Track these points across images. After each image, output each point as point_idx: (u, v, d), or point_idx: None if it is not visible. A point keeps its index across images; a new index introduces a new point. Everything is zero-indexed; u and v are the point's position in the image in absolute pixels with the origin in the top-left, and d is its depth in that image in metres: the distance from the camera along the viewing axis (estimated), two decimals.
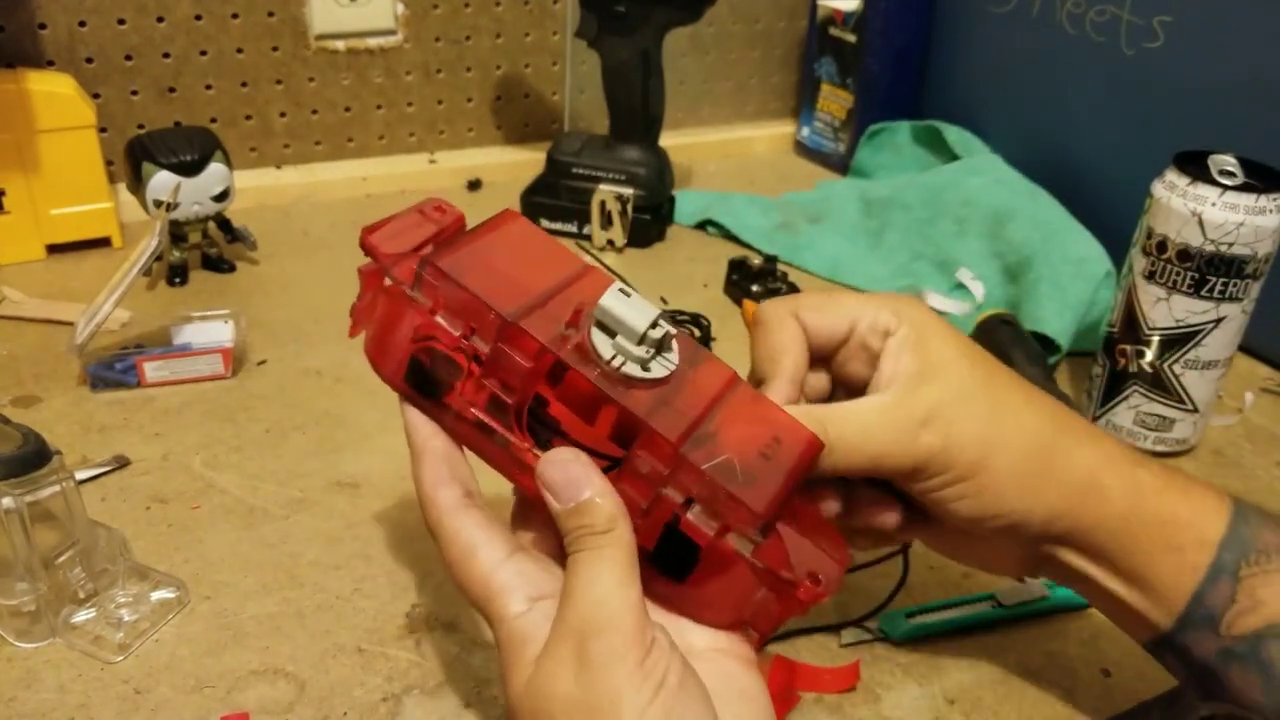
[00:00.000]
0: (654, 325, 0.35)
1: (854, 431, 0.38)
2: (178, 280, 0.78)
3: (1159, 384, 0.61)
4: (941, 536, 0.43)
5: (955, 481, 0.39)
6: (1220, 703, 0.39)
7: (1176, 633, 0.39)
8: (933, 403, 0.39)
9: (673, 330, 0.37)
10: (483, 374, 0.36)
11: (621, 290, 0.35)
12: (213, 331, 0.67)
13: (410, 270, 0.36)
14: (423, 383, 0.37)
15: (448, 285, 0.36)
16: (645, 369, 0.36)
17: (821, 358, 0.43)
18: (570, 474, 0.34)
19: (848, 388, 0.43)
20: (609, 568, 0.33)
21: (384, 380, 0.38)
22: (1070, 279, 0.72)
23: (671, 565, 0.36)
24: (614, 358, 0.35)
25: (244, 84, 0.92)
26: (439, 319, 0.36)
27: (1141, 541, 0.39)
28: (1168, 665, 0.41)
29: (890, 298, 0.42)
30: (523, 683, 0.33)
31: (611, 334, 0.35)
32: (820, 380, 0.43)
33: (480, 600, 0.35)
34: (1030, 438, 0.39)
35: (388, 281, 0.37)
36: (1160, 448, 0.63)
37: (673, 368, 0.36)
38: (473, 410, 0.36)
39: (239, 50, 0.91)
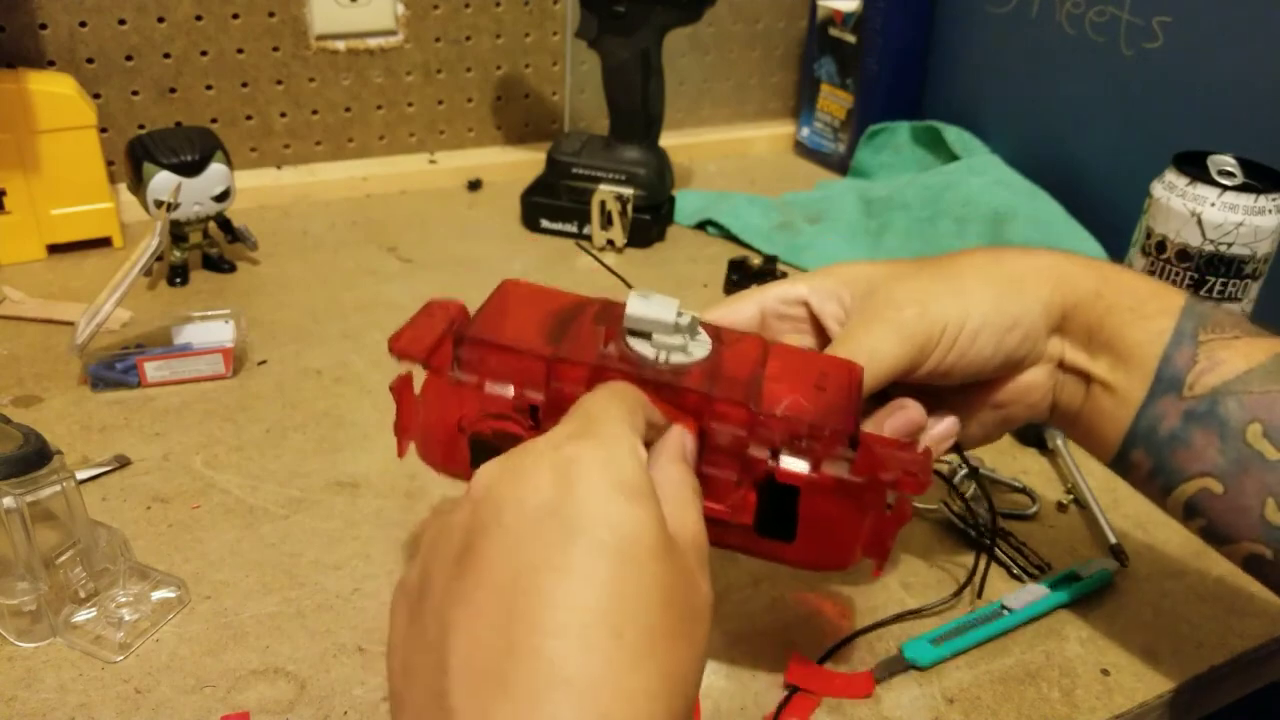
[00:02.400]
0: (680, 314, 0.38)
1: (864, 352, 0.42)
2: (178, 280, 0.78)
3: None
4: (983, 412, 0.47)
5: (957, 331, 0.42)
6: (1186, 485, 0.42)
7: (1148, 406, 0.42)
8: (893, 296, 0.43)
9: (694, 315, 0.39)
10: (546, 416, 0.38)
11: (640, 295, 0.38)
12: (213, 331, 0.67)
13: (447, 354, 0.39)
14: (488, 456, 0.37)
15: (485, 351, 0.38)
16: (688, 354, 0.38)
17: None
18: None
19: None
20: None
21: (452, 476, 0.40)
22: None
23: (778, 526, 0.38)
24: (658, 354, 0.37)
25: (244, 84, 0.92)
26: (488, 388, 0.38)
27: (1115, 314, 0.43)
28: (1135, 465, 0.44)
29: (790, 277, 0.48)
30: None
31: (647, 335, 0.38)
32: (806, 341, 0.47)
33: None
34: (982, 260, 0.45)
35: (417, 386, 0.40)
36: None
37: (709, 345, 0.39)
38: None
39: (239, 50, 0.91)
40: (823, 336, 0.46)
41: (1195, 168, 0.58)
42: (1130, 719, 0.46)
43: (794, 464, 0.37)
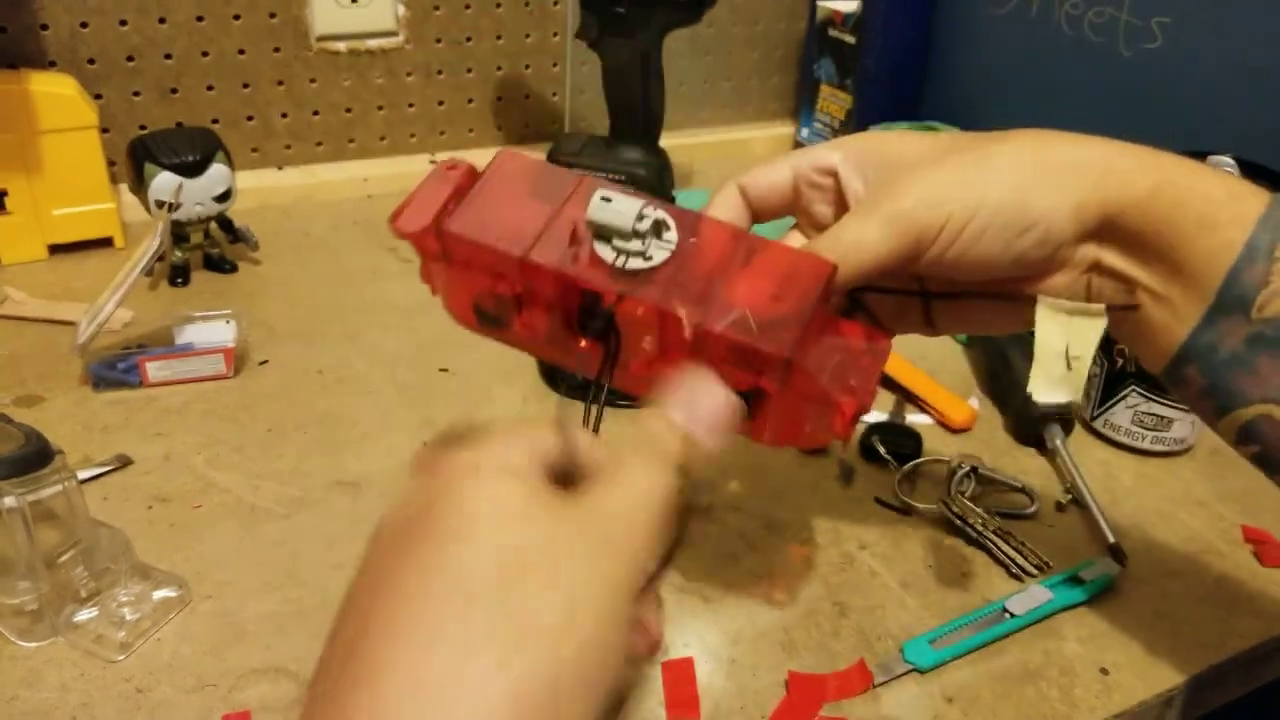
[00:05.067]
0: (640, 218, 0.37)
1: (848, 241, 0.39)
2: (180, 280, 0.78)
3: (1157, 384, 0.62)
4: (1001, 309, 0.43)
5: (962, 224, 0.39)
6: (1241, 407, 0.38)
7: (1206, 325, 0.38)
8: (902, 181, 0.40)
9: (662, 215, 0.38)
10: (525, 298, 0.40)
11: (603, 197, 0.37)
12: (214, 331, 0.68)
13: (433, 243, 0.40)
14: (491, 323, 0.41)
15: (463, 245, 0.39)
16: (647, 258, 0.38)
17: (774, 209, 0.45)
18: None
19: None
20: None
21: (463, 326, 0.43)
22: None
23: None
24: (616, 258, 0.38)
25: (245, 85, 0.92)
26: (472, 272, 0.40)
27: (1174, 221, 0.38)
28: (1187, 382, 0.40)
29: (834, 140, 0.44)
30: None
31: (608, 239, 0.38)
32: (797, 241, 0.45)
33: None
34: (1019, 145, 0.40)
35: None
36: (1158, 447, 0.63)
37: (673, 246, 0.38)
38: (537, 332, 0.41)
39: (240, 51, 0.91)
40: (844, 212, 0.43)
41: None
42: (1129, 718, 0.47)
43: (736, 372, 0.37)
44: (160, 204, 0.74)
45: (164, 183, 0.74)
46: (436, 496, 0.28)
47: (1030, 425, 0.63)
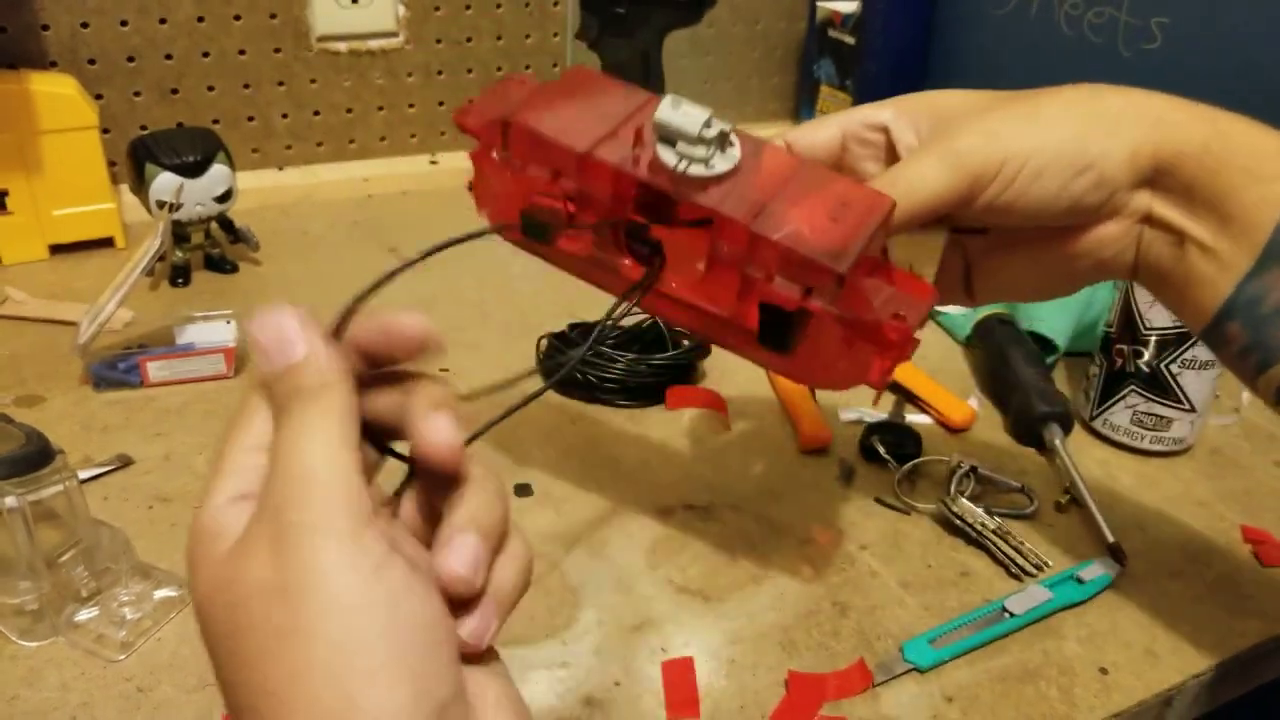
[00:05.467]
0: (707, 125, 0.37)
1: (907, 179, 0.40)
2: (180, 280, 0.78)
3: (1156, 384, 0.62)
4: (1049, 262, 0.43)
5: (1020, 165, 0.39)
6: None
7: (1252, 277, 0.38)
8: (958, 125, 0.41)
9: (728, 127, 0.39)
10: (578, 209, 0.40)
11: (672, 101, 0.38)
12: (215, 331, 0.68)
13: (497, 134, 0.40)
14: (537, 233, 0.40)
15: (527, 137, 0.40)
16: (709, 166, 0.38)
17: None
18: (283, 332, 0.29)
19: None
20: (319, 433, 0.27)
21: (511, 242, 0.42)
22: None
23: (776, 340, 0.39)
24: (679, 163, 0.38)
25: (246, 85, 0.92)
26: (530, 170, 0.40)
27: (1225, 173, 0.39)
28: (1229, 339, 0.40)
29: (884, 100, 0.44)
30: (209, 579, 0.26)
31: (672, 143, 0.38)
32: (877, 170, 0.45)
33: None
34: (1075, 94, 0.41)
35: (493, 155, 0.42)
36: (1158, 447, 0.63)
37: (736, 160, 0.39)
38: (581, 245, 0.41)
39: (241, 52, 0.91)
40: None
41: None
42: (1129, 718, 0.47)
43: (785, 289, 0.38)
44: (161, 204, 0.74)
45: (165, 183, 0.74)
46: (293, 568, 0.25)
47: (1029, 425, 0.63)
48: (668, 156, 0.38)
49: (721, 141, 0.38)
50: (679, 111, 0.37)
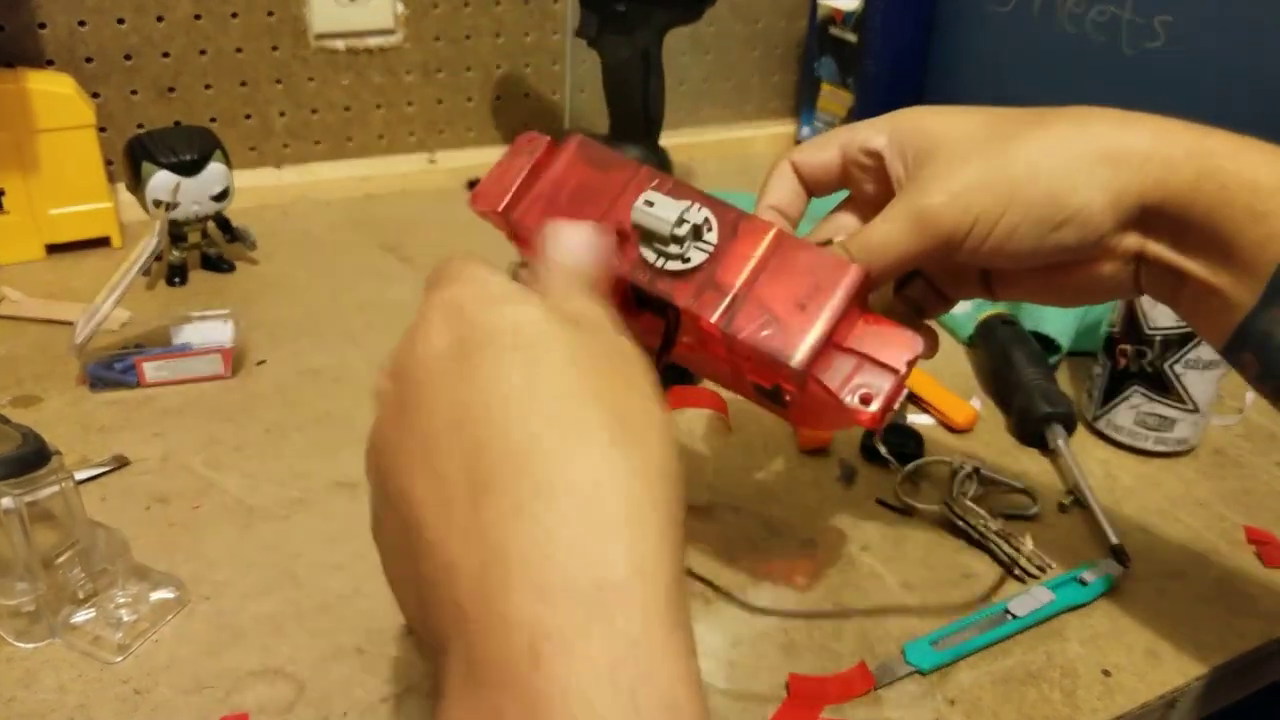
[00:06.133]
0: (679, 223, 0.39)
1: (876, 242, 0.41)
2: (177, 280, 0.78)
3: (1160, 384, 0.61)
4: (1049, 289, 0.44)
5: (992, 223, 0.39)
6: None
7: (1259, 313, 0.38)
8: (931, 177, 0.40)
9: (704, 217, 0.40)
10: None
11: (647, 201, 0.40)
12: (212, 331, 0.67)
13: (504, 223, 0.44)
14: None
15: (525, 230, 0.43)
16: (685, 260, 0.40)
17: (826, 186, 0.47)
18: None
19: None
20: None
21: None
22: None
23: (773, 398, 0.43)
24: (656, 260, 0.40)
25: (243, 83, 0.92)
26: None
27: (1220, 213, 0.38)
28: (1244, 365, 0.40)
29: (881, 117, 0.44)
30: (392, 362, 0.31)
31: (650, 242, 0.40)
32: (848, 220, 0.47)
33: None
34: (1053, 135, 0.40)
35: None
36: (1161, 448, 0.63)
37: (711, 248, 0.40)
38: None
39: (238, 50, 0.91)
40: (890, 192, 0.44)
41: None
42: None
43: (761, 373, 0.41)
44: (158, 203, 0.74)
45: (161, 182, 0.74)
46: (470, 325, 0.29)
47: (1032, 426, 0.63)
48: (648, 254, 0.40)
49: (696, 234, 0.40)
50: (651, 214, 0.39)
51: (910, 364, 0.40)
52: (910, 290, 0.47)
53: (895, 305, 0.47)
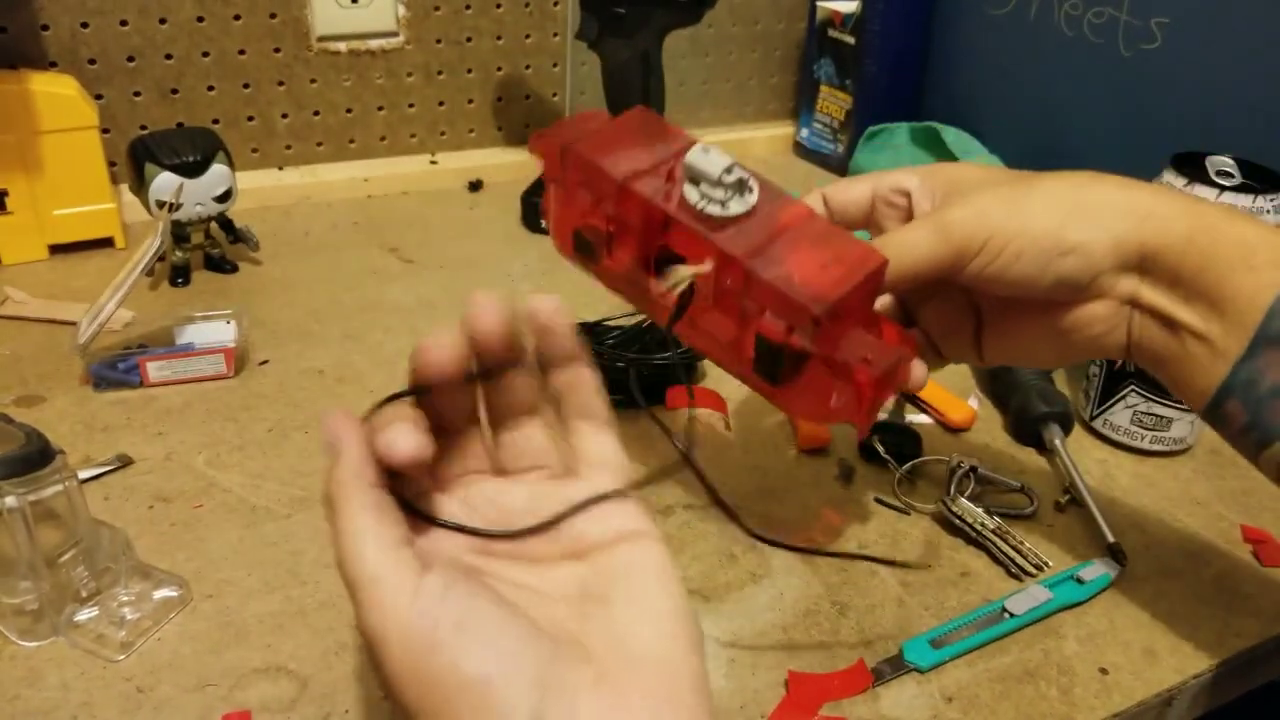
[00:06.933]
0: (728, 171, 0.42)
1: (898, 242, 0.44)
2: (180, 280, 0.78)
3: (1156, 383, 0.61)
4: (1042, 336, 0.46)
5: (1003, 244, 0.42)
6: None
7: (1247, 360, 0.40)
8: (955, 198, 0.45)
9: (748, 175, 0.43)
10: (616, 232, 0.45)
11: (702, 148, 0.43)
12: (215, 331, 0.68)
13: (557, 162, 0.46)
14: (586, 252, 0.47)
15: (579, 164, 0.45)
16: (725, 208, 0.42)
17: (853, 221, 0.50)
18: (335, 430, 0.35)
19: None
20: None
21: (564, 256, 0.49)
22: None
23: (769, 370, 0.44)
24: (699, 201, 0.43)
25: (246, 85, 0.92)
26: (579, 194, 0.46)
27: (1212, 262, 0.41)
28: (1229, 417, 0.42)
29: (915, 167, 0.49)
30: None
31: (696, 183, 0.43)
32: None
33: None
34: (1065, 184, 0.43)
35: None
36: (1157, 447, 0.63)
37: (751, 206, 0.43)
38: (621, 268, 0.46)
39: (241, 52, 0.91)
40: None
41: (1193, 168, 0.59)
42: (1129, 718, 0.47)
43: (774, 322, 0.42)
44: (161, 204, 0.74)
45: (164, 183, 0.74)
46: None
47: (1029, 425, 0.63)
48: (691, 195, 0.43)
49: (740, 187, 0.43)
50: (705, 157, 0.42)
51: (908, 360, 0.42)
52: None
53: None
